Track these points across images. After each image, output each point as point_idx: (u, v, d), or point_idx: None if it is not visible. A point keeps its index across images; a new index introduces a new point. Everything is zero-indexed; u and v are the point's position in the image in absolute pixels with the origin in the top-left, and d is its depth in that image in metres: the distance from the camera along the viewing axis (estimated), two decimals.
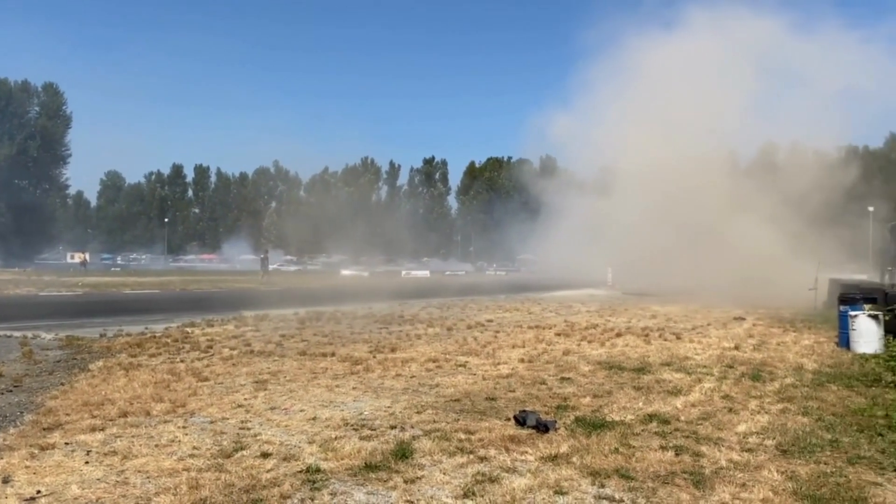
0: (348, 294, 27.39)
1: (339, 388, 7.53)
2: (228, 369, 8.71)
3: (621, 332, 13.35)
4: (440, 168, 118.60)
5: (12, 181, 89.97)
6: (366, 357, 9.67)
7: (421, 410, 6.48)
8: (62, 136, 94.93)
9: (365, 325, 14.26)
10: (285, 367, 8.85)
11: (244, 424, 5.95)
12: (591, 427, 5.92)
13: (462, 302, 22.42)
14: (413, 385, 7.78)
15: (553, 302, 22.88)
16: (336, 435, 5.61)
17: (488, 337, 12.34)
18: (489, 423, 6.05)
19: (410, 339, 11.93)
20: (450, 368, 8.92)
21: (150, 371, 8.43)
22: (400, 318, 15.87)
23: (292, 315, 16.23)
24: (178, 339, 11.50)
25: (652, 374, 8.62)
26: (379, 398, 7.05)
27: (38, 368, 8.73)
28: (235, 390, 7.41)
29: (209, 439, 5.46)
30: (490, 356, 9.98)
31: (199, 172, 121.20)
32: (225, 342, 11.32)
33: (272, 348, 10.66)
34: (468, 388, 7.63)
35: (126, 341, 11.17)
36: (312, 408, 6.59)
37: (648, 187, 38.67)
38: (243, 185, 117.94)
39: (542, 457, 5.08)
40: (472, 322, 15.08)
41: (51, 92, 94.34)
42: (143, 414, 6.23)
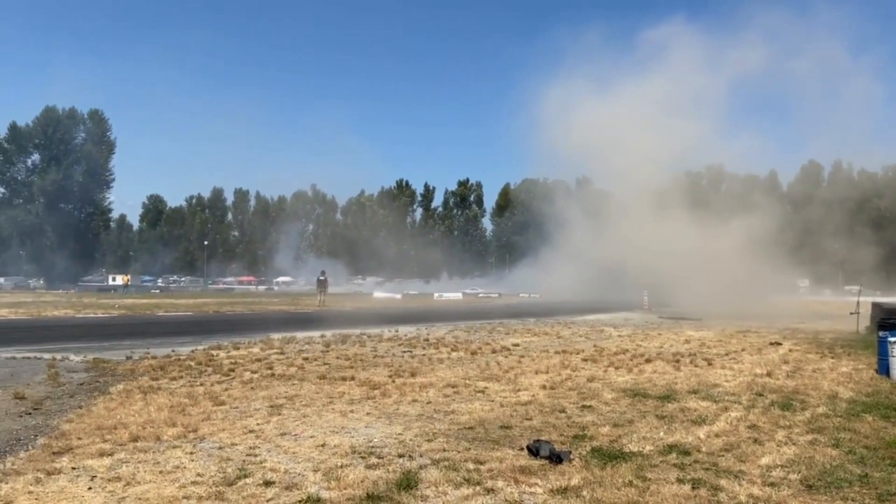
0: (377, 317, 27.36)
1: (353, 414, 7.43)
2: (246, 393, 8.68)
3: (651, 357, 13.01)
4: (475, 190, 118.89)
5: (58, 205, 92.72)
6: (384, 381, 9.57)
7: (432, 438, 6.34)
8: (106, 161, 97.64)
9: (389, 349, 14.16)
10: (303, 392, 8.79)
11: (252, 451, 5.88)
12: (606, 458, 5.71)
13: (490, 325, 22.19)
14: (428, 411, 7.64)
15: (585, 326, 22.51)
16: (342, 463, 5.50)
17: (512, 362, 12.14)
18: (501, 452, 5.88)
19: (432, 364, 11.79)
20: (468, 394, 8.76)
21: (169, 395, 8.43)
22: (425, 342, 15.74)
23: (318, 338, 16.22)
24: (202, 363, 11.54)
25: (677, 403, 8.34)
26: (391, 424, 6.93)
27: (61, 391, 8.81)
28: (249, 415, 7.36)
29: (214, 466, 5.39)
30: (511, 382, 9.79)
31: (239, 196, 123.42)
32: (248, 365, 11.33)
33: (293, 371, 10.62)
34: (484, 415, 7.46)
35: (150, 364, 11.25)
36: (323, 434, 6.49)
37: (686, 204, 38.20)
38: (281, 208, 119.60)
39: (552, 489, 4.90)
40: (498, 346, 14.87)
41: (96, 119, 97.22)
42: (153, 439, 6.21)
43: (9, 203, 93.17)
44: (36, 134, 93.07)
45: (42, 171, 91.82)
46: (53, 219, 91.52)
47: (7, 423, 6.89)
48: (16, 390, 8.54)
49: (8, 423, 6.93)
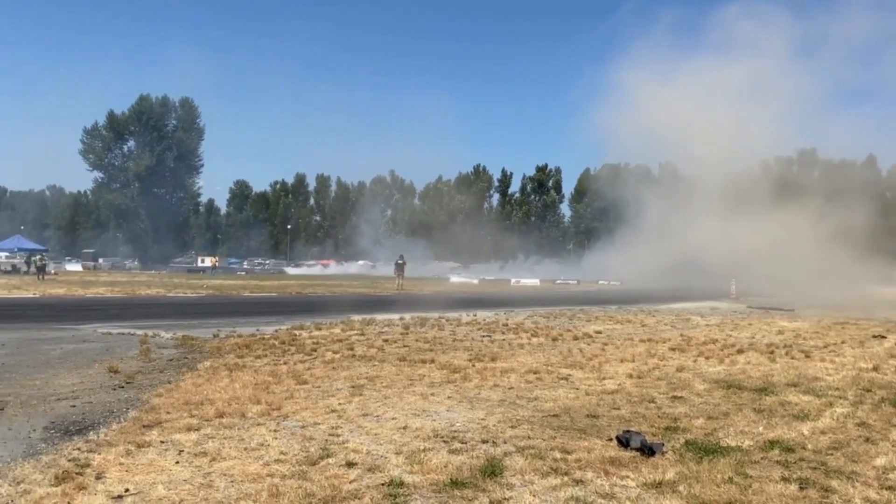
0: (455, 301, 27.32)
1: (434, 397, 7.31)
2: (328, 373, 8.72)
3: (743, 348, 12.38)
4: (553, 175, 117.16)
5: (152, 189, 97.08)
6: (465, 365, 9.42)
7: (516, 425, 6.14)
8: (196, 147, 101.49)
9: (468, 333, 14.03)
10: (383, 373, 8.76)
11: (334, 430, 5.83)
12: (702, 452, 5.37)
13: (571, 312, 21.75)
14: (510, 397, 7.44)
15: (670, 314, 21.76)
16: (424, 446, 5.38)
17: (595, 349, 11.78)
18: (589, 442, 5.62)
19: (512, 349, 11.58)
20: (551, 381, 8.51)
21: (253, 372, 8.55)
22: (504, 327, 15.53)
23: (398, 320, 16.27)
24: (286, 342, 11.72)
25: (776, 396, 7.84)
26: (473, 409, 6.77)
27: (152, 366, 9.09)
28: (331, 394, 7.36)
29: (297, 445, 5.37)
30: (595, 370, 9.47)
31: (321, 181, 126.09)
32: (329, 345, 11.42)
33: (373, 353, 10.63)
34: (569, 403, 7.20)
35: (236, 342, 11.50)
36: (404, 416, 6.40)
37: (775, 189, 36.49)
38: (361, 193, 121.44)
39: (645, 483, 4.62)
40: (580, 333, 14.50)
41: (187, 106, 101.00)
42: (238, 415, 6.26)
43: (107, 187, 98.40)
44: (131, 121, 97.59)
45: (137, 157, 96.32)
46: (147, 203, 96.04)
47: (101, 396, 7.11)
48: (110, 364, 8.85)
49: (102, 395, 7.17)
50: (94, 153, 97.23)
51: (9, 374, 8.19)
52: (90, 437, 5.49)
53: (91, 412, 6.35)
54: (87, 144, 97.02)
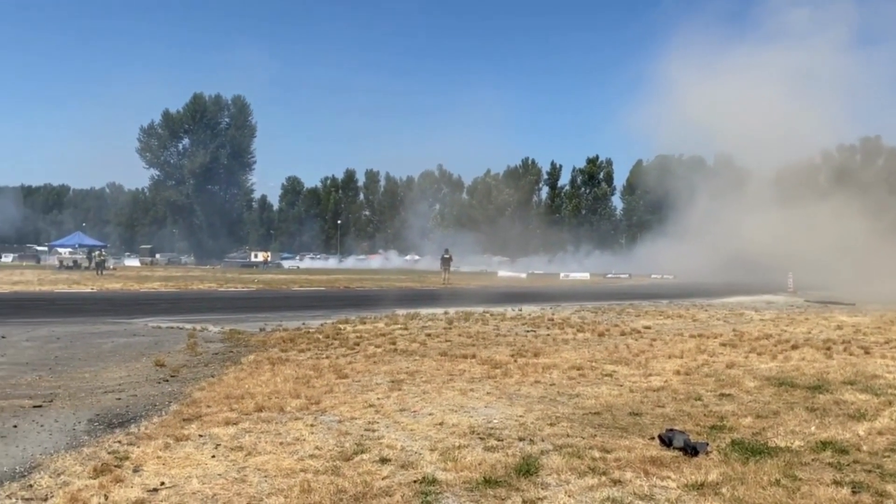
0: (501, 295, 27.16)
1: (473, 393, 7.23)
2: (369, 367, 8.72)
3: (798, 343, 11.94)
4: (604, 167, 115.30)
5: (206, 186, 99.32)
6: (506, 361, 9.31)
7: (555, 422, 6.00)
8: (248, 144, 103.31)
9: (512, 328, 13.90)
10: (424, 368, 8.71)
11: (371, 426, 5.80)
12: (749, 452, 5.15)
13: (620, 306, 21.38)
14: (551, 394, 7.30)
15: (723, 309, 21.19)
16: (460, 443, 5.30)
17: (643, 345, 11.51)
18: (630, 441, 5.46)
19: (557, 344, 11.40)
20: (594, 377, 8.33)
21: (295, 366, 8.61)
22: (549, 322, 15.33)
23: (442, 314, 16.23)
24: (330, 336, 11.79)
25: (830, 394, 7.50)
26: (512, 406, 6.66)
27: (197, 360, 9.24)
28: (371, 389, 7.34)
29: (332, 440, 5.35)
30: (641, 366, 9.23)
31: (370, 177, 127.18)
32: (372, 339, 11.45)
33: (415, 347, 10.61)
34: (611, 400, 7.02)
35: (281, 336, 11.62)
36: (442, 412, 6.33)
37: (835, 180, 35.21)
38: (409, 188, 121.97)
39: (687, 484, 4.44)
40: (627, 328, 14.21)
41: (239, 104, 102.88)
42: (277, 410, 6.28)
43: (163, 185, 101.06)
44: (185, 120, 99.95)
45: (191, 155, 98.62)
46: (202, 199, 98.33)
47: (146, 389, 7.25)
48: (157, 358, 9.03)
49: (147, 388, 7.30)
50: (151, 151, 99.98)
51: (61, 367, 8.44)
52: (131, 430, 5.58)
53: (134, 405, 6.47)
54: (144, 143, 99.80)
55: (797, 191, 41.94)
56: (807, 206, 39.28)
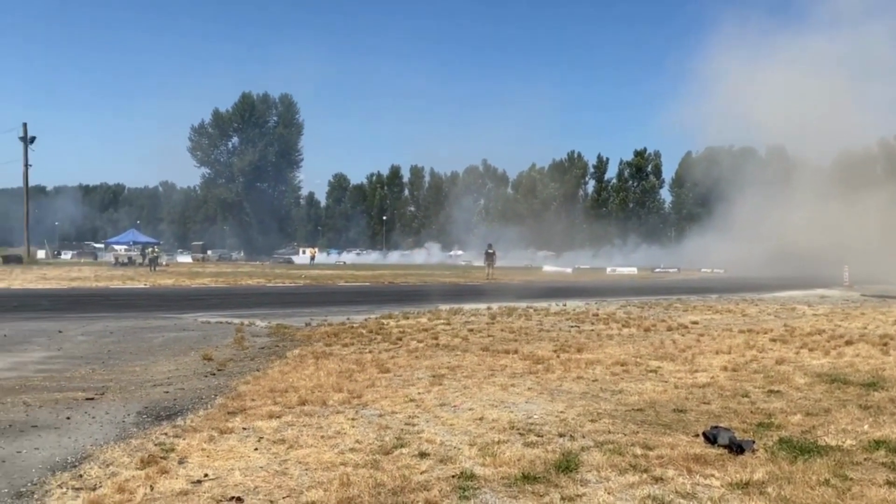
0: (545, 290, 26.98)
1: (514, 388, 7.19)
2: (411, 362, 8.76)
3: (853, 339, 11.55)
4: (652, 160, 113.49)
5: (255, 184, 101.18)
6: (548, 356, 9.23)
7: (596, 419, 5.93)
8: (296, 142, 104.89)
9: (555, 323, 13.79)
10: (465, 363, 8.71)
11: (411, 420, 5.82)
12: (797, 451, 4.99)
13: (667, 301, 21.02)
14: (593, 389, 7.21)
15: (774, 304, 20.65)
16: (499, 438, 5.28)
17: (689, 340, 11.30)
18: (673, 438, 5.35)
19: (601, 340, 11.27)
20: (638, 373, 8.20)
21: (339, 360, 8.70)
22: (594, 317, 15.16)
23: (485, 310, 16.20)
24: (373, 330, 11.89)
25: (886, 391, 7.23)
26: (553, 401, 6.60)
27: (244, 354, 9.42)
28: (412, 384, 7.37)
29: (373, 434, 5.39)
30: (687, 362, 9.06)
31: (414, 172, 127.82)
32: (415, 334, 11.50)
33: (457, 342, 10.61)
34: (655, 396, 6.91)
35: (326, 331, 11.77)
36: (482, 407, 6.31)
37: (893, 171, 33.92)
38: (454, 183, 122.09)
39: (731, 483, 4.33)
40: (674, 324, 13.96)
41: (286, 102, 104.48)
42: (319, 403, 6.36)
43: (213, 183, 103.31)
44: (235, 119, 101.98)
45: (241, 153, 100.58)
46: (251, 196, 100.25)
47: (193, 383, 7.42)
48: (205, 352, 9.24)
49: (194, 382, 7.48)
50: (202, 150, 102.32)
51: (113, 361, 8.70)
52: (178, 422, 5.71)
53: (182, 398, 6.63)
54: (195, 142, 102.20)
55: (853, 181, 40.50)
56: (862, 197, 37.91)
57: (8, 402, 6.29)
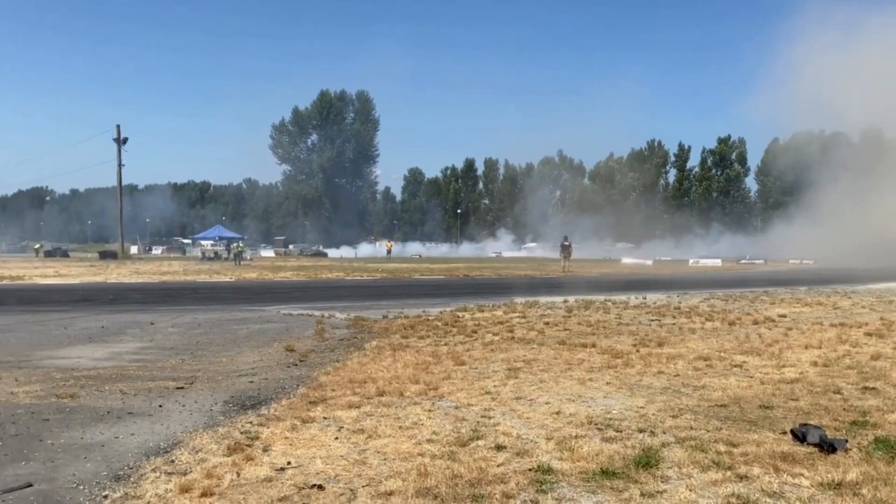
0: (624, 283, 26.46)
1: (592, 382, 7.09)
2: (486, 355, 8.77)
3: None
4: (737, 147, 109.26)
5: (333, 180, 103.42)
6: (628, 350, 9.06)
7: (678, 414, 5.78)
8: (372, 138, 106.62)
9: (635, 317, 13.50)
10: (541, 356, 8.65)
11: (487, 412, 5.83)
12: (895, 451, 4.73)
13: (753, 294, 20.26)
14: (675, 385, 7.03)
15: (869, 296, 19.59)
16: (577, 433, 5.22)
17: (777, 335, 10.86)
18: (759, 435, 5.16)
19: (682, 334, 10.97)
20: (722, 368, 7.95)
21: (415, 352, 8.80)
22: (675, 310, 14.76)
23: (561, 303, 16.03)
24: (448, 323, 11.97)
25: None
26: (633, 396, 6.48)
27: (324, 345, 9.66)
28: (487, 376, 7.38)
29: (449, 425, 5.42)
30: (774, 357, 8.71)
31: (489, 165, 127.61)
32: (490, 327, 11.50)
33: (533, 336, 10.55)
34: (740, 392, 6.67)
35: (402, 323, 11.92)
36: (559, 401, 6.26)
37: None
38: (528, 175, 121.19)
39: (822, 483, 4.14)
40: (761, 317, 13.45)
41: (363, 99, 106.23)
42: (397, 394, 6.45)
43: (294, 179, 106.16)
44: (314, 116, 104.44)
45: (319, 150, 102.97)
46: (330, 192, 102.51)
47: (276, 373, 7.67)
48: (287, 344, 9.53)
49: (277, 372, 7.72)
50: (283, 148, 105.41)
51: (201, 352, 9.09)
52: (262, 411, 5.92)
53: (266, 388, 6.86)
54: (276, 140, 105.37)
55: None
56: None
57: (106, 391, 6.67)
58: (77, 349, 9.28)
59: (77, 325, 11.94)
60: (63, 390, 6.60)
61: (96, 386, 6.86)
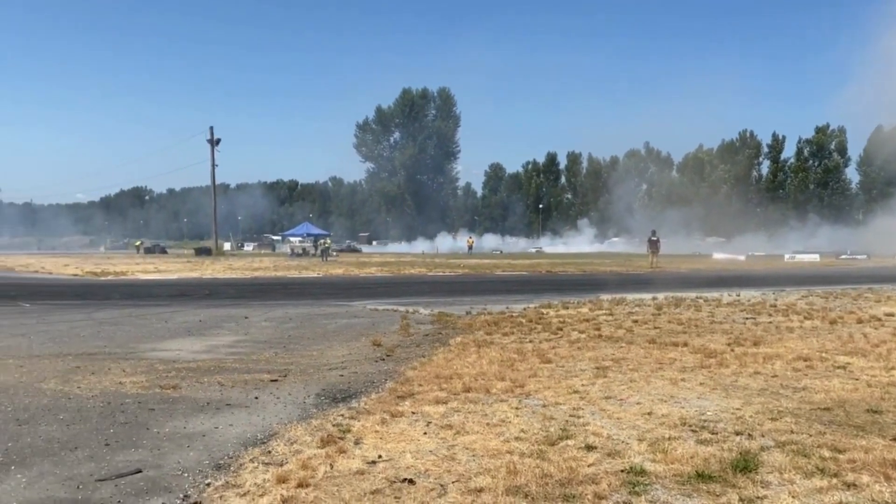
0: (715, 279, 25.56)
1: (685, 383, 6.89)
2: (573, 353, 8.65)
3: None
4: (836, 136, 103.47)
5: (415, 177, 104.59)
6: (722, 350, 8.75)
7: (777, 417, 5.54)
8: (453, 134, 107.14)
9: (728, 315, 13.02)
10: (630, 355, 8.46)
11: (575, 412, 5.76)
12: None
13: (856, 291, 19.18)
14: (773, 386, 6.74)
15: None
16: (670, 434, 5.08)
17: (884, 334, 10.24)
18: (867, 441, 4.88)
19: (780, 333, 10.49)
20: (824, 370, 7.56)
21: (500, 349, 8.79)
22: (772, 308, 14.14)
23: (649, 300, 15.64)
24: (532, 320, 11.88)
25: None
26: (728, 398, 6.25)
27: (409, 341, 9.78)
28: (575, 375, 7.28)
29: (537, 424, 5.38)
30: (882, 358, 8.21)
31: (571, 159, 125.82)
32: (575, 325, 11.35)
33: (621, 334, 10.34)
34: (845, 395, 6.33)
35: (486, 319, 11.92)
36: (650, 401, 6.11)
37: None
38: (613, 168, 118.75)
39: None
40: (865, 315, 12.71)
41: (444, 96, 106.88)
42: (483, 391, 6.46)
43: (377, 177, 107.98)
44: (396, 114, 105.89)
45: (402, 147, 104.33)
46: (412, 189, 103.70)
47: (365, 367, 7.82)
48: (374, 338, 9.71)
49: (366, 366, 7.87)
50: (366, 146, 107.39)
51: (293, 345, 9.37)
52: (352, 405, 6.05)
53: (355, 382, 7.01)
54: (360, 138, 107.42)
55: None
56: None
57: (205, 382, 6.97)
58: (177, 342, 9.74)
59: (176, 318, 12.54)
60: (166, 381, 6.94)
61: (196, 377, 7.19)
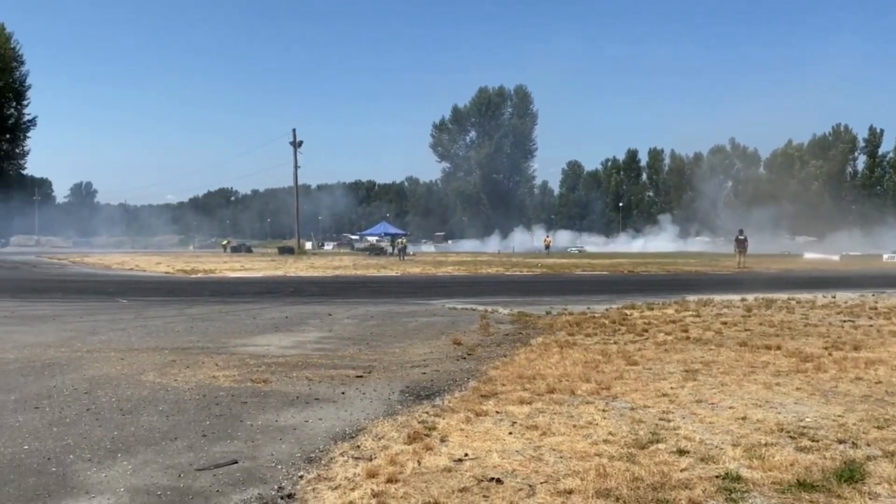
0: (808, 280, 24.43)
1: (780, 388, 6.60)
2: (660, 355, 8.44)
3: None
4: None
5: (491, 176, 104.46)
6: (818, 353, 8.34)
7: (884, 426, 5.23)
8: (530, 132, 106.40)
9: (824, 317, 12.40)
10: (720, 358, 8.18)
11: (665, 415, 5.60)
12: None
13: None
14: (877, 392, 6.37)
15: None
16: (766, 441, 4.87)
17: None
18: None
19: (882, 337, 9.92)
20: None
21: (583, 350, 8.66)
22: (871, 311, 13.39)
23: (739, 301, 15.08)
24: (616, 321, 11.65)
25: None
26: (828, 404, 5.95)
27: (490, 340, 9.77)
28: (663, 378, 7.09)
29: (626, 427, 5.27)
30: None
31: (653, 156, 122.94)
32: (661, 326, 11.06)
33: (710, 336, 10.00)
34: None
35: (567, 320, 11.77)
36: (743, 406, 5.88)
37: None
38: (697, 165, 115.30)
39: None
40: None
41: (521, 94, 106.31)
42: (568, 392, 6.37)
43: (452, 176, 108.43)
44: (472, 113, 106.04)
45: (478, 146, 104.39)
46: (487, 188, 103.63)
47: (446, 365, 7.85)
48: (454, 337, 9.74)
49: (447, 365, 7.90)
50: (442, 146, 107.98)
51: (376, 342, 9.52)
52: (436, 402, 6.08)
53: (438, 380, 7.05)
54: (436, 138, 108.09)
55: None
56: None
57: (294, 377, 7.16)
58: (265, 337, 10.05)
59: (264, 315, 12.94)
60: (257, 375, 7.17)
61: (285, 372, 7.39)
